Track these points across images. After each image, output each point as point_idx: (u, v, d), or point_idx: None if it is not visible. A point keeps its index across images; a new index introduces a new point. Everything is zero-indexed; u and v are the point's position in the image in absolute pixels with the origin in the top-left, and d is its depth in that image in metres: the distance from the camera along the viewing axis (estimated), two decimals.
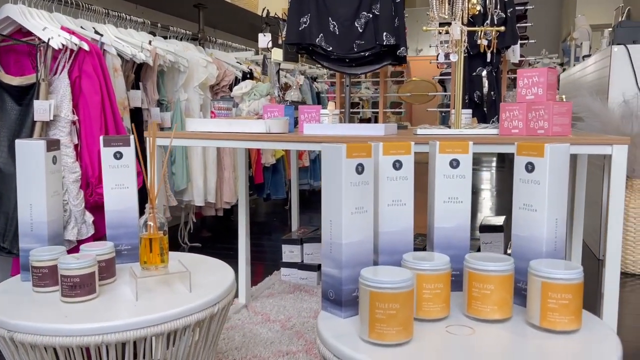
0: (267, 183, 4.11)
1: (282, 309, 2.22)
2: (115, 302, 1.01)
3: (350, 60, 2.07)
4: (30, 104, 2.17)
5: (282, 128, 1.69)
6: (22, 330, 0.92)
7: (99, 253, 1.07)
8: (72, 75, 2.25)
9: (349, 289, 0.92)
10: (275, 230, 3.89)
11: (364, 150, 0.92)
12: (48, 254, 1.05)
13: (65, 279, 0.99)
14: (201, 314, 1.02)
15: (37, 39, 2.19)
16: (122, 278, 1.15)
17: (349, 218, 0.91)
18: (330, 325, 0.90)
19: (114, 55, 2.47)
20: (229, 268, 1.22)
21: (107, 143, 1.20)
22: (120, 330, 0.92)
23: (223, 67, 3.29)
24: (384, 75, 2.35)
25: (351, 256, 0.92)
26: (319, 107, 1.87)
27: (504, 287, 0.90)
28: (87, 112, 2.28)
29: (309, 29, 2.01)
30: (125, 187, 1.21)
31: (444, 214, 1.04)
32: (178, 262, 1.14)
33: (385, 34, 1.97)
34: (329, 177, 0.92)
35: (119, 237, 1.23)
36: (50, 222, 1.12)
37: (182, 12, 3.59)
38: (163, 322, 0.96)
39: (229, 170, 3.33)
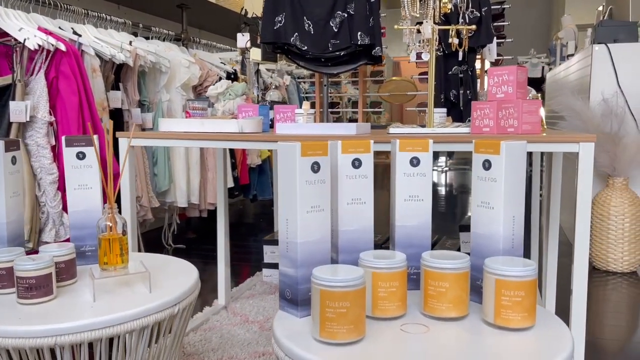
0: (253, 184, 4.10)
1: (261, 309, 2.21)
2: (73, 304, 1.00)
3: (326, 59, 2.06)
4: (6, 105, 2.15)
5: (255, 128, 1.69)
6: None
7: (58, 254, 1.06)
8: (49, 76, 2.24)
9: (305, 288, 0.92)
10: (261, 231, 3.87)
11: (320, 148, 0.91)
12: (5, 256, 1.03)
13: (21, 280, 0.98)
14: (160, 314, 1.01)
15: (13, 40, 2.18)
16: (83, 280, 1.14)
17: (304, 217, 0.91)
18: (286, 325, 0.89)
19: (92, 56, 2.46)
20: (194, 268, 1.21)
21: (70, 143, 1.19)
22: (75, 332, 0.91)
23: (206, 67, 3.28)
24: (363, 75, 2.35)
25: (307, 255, 0.91)
26: (295, 107, 1.86)
27: (459, 284, 0.89)
28: (64, 113, 2.26)
29: (284, 28, 2.01)
30: (88, 188, 1.20)
31: (404, 212, 1.04)
32: (140, 263, 1.13)
33: (360, 33, 1.96)
34: (285, 176, 0.92)
35: (83, 238, 1.22)
36: (10, 223, 1.10)
37: (165, 12, 3.58)
38: (120, 322, 0.95)
39: (212, 171, 3.32)
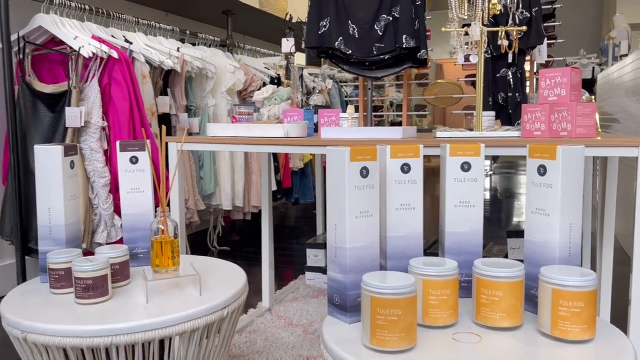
0: (295, 187, 4.12)
1: (305, 313, 2.22)
2: (127, 305, 1.03)
3: (370, 63, 2.05)
4: (62, 111, 2.24)
5: (300, 132, 1.69)
6: (34, 331, 0.94)
7: (113, 256, 1.10)
8: (102, 83, 2.32)
9: (354, 294, 0.91)
10: (303, 234, 3.89)
11: (369, 153, 0.91)
12: (64, 257, 1.07)
13: (78, 280, 1.01)
14: (210, 316, 1.02)
15: (68, 48, 2.27)
16: (135, 281, 1.17)
17: (353, 222, 0.90)
18: (335, 331, 0.89)
19: (142, 63, 2.53)
20: (242, 272, 1.23)
21: (123, 148, 1.22)
22: (129, 332, 0.94)
23: (250, 72, 3.32)
24: (407, 78, 2.33)
25: (356, 261, 0.91)
26: (339, 111, 1.86)
27: (513, 293, 0.87)
28: (116, 118, 2.34)
29: (329, 33, 2.01)
30: (141, 191, 1.24)
31: (455, 219, 1.02)
32: (190, 265, 1.15)
33: (405, 36, 1.95)
34: (333, 181, 0.92)
35: (135, 240, 1.25)
36: (68, 225, 1.15)
37: (211, 18, 3.66)
38: (172, 324, 0.97)
39: (256, 174, 3.36)
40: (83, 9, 2.45)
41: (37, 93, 2.27)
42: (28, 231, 2.23)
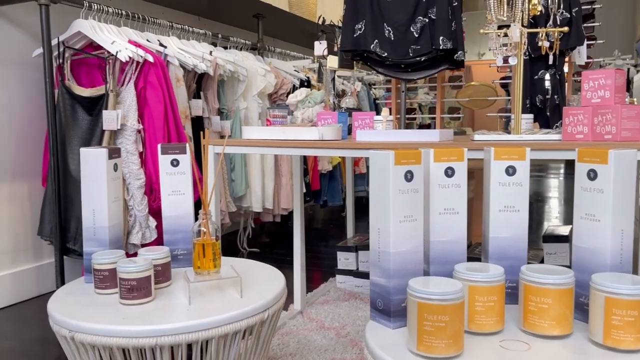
0: (323, 190, 4.12)
1: (337, 316, 2.21)
2: (170, 306, 1.04)
3: (406, 65, 2.04)
4: (99, 114, 2.29)
5: (335, 135, 1.69)
6: (82, 330, 0.96)
7: (155, 257, 1.11)
8: (138, 86, 2.36)
9: (398, 299, 0.91)
10: (332, 237, 3.89)
11: (413, 157, 0.90)
12: (108, 258, 1.09)
13: (123, 281, 1.03)
14: (252, 319, 1.03)
15: (106, 52, 2.31)
16: (177, 282, 1.18)
17: (397, 226, 0.89)
18: (379, 336, 0.88)
19: (177, 66, 2.57)
20: (280, 274, 1.23)
21: (165, 151, 1.24)
22: (174, 333, 0.95)
23: (281, 75, 3.34)
24: (441, 80, 2.30)
25: (400, 265, 0.90)
26: (373, 114, 1.85)
27: (563, 301, 0.85)
28: (151, 121, 2.38)
29: (364, 35, 2.01)
30: (181, 194, 1.25)
31: (499, 223, 1.00)
32: (230, 267, 1.16)
33: (442, 38, 1.93)
34: (377, 185, 0.91)
35: (176, 242, 1.27)
36: (112, 227, 1.17)
37: (242, 22, 3.69)
38: (215, 326, 0.98)
39: (286, 177, 3.37)
40: (120, 14, 2.50)
41: (76, 97, 2.32)
42: (66, 232, 2.28)
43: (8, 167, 2.36)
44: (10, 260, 2.38)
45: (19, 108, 2.40)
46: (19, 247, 2.41)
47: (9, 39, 2.36)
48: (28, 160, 2.45)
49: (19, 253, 2.41)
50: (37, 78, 2.48)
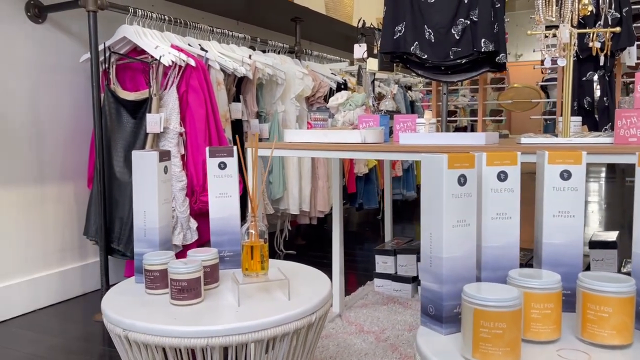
0: (359, 192, 4.11)
1: (375, 320, 2.20)
2: (220, 307, 1.06)
3: (446, 68, 2.02)
4: (143, 117, 2.34)
5: (377, 138, 1.69)
6: (135, 329, 0.98)
7: (204, 259, 1.13)
8: (180, 90, 2.40)
9: (451, 305, 0.89)
10: (367, 240, 3.87)
11: (467, 160, 0.89)
12: (159, 259, 1.11)
13: (174, 282, 1.05)
14: (300, 322, 1.03)
15: (150, 57, 2.37)
16: (224, 283, 1.20)
17: (450, 231, 0.88)
18: (431, 342, 0.87)
19: (217, 70, 2.60)
20: (326, 277, 1.23)
21: (213, 154, 1.26)
22: (225, 335, 0.96)
23: (318, 78, 3.35)
24: (483, 83, 2.27)
25: (452, 271, 0.89)
26: (415, 116, 1.84)
27: (624, 310, 0.82)
28: (193, 124, 2.42)
29: (404, 38, 2.00)
30: (228, 196, 1.27)
31: (553, 229, 0.98)
32: (277, 269, 1.16)
33: (484, 40, 1.90)
34: (429, 189, 0.90)
35: (222, 243, 1.28)
36: (161, 228, 1.19)
37: (279, 26, 3.72)
38: (264, 328, 0.99)
39: (322, 179, 3.38)
40: (163, 20, 2.56)
41: (121, 100, 2.38)
42: (111, 232, 2.34)
43: (56, 169, 2.44)
44: (58, 260, 2.45)
45: (66, 112, 2.48)
46: (65, 246, 2.48)
47: (58, 45, 2.44)
48: (74, 162, 2.52)
49: (65, 252, 2.48)
50: (83, 83, 2.56)
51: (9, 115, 2.24)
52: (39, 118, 2.36)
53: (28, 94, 2.31)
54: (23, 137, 2.30)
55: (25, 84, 2.30)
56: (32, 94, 2.33)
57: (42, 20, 2.37)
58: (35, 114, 2.35)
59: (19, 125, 2.28)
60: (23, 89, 2.29)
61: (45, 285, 2.38)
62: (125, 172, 2.36)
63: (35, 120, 2.34)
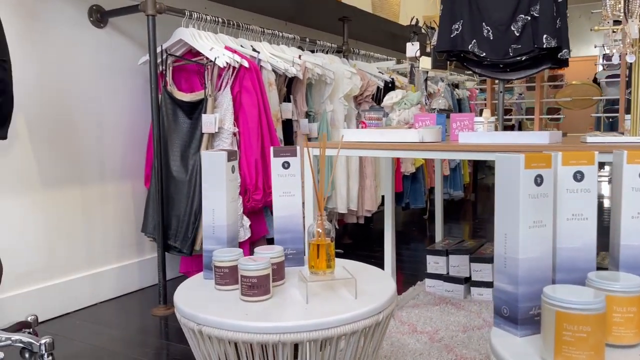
0: (406, 192, 4.09)
1: (428, 320, 2.19)
2: (289, 304, 1.07)
3: (505, 65, 1.98)
4: (199, 118, 2.40)
5: (435, 137, 1.67)
6: (209, 324, 1.01)
7: (272, 256, 1.15)
8: (234, 91, 2.45)
9: (526, 307, 0.88)
10: (413, 240, 3.84)
11: (544, 160, 0.87)
12: (228, 255, 1.14)
13: (244, 279, 1.07)
14: (367, 320, 1.04)
15: (205, 58, 2.42)
16: (289, 281, 1.22)
17: (526, 232, 0.87)
18: (507, 344, 0.86)
19: (269, 71, 2.64)
20: (389, 276, 1.23)
21: (277, 154, 1.28)
22: (296, 331, 0.97)
23: (366, 77, 3.35)
24: (540, 80, 2.22)
25: (528, 272, 0.88)
26: (473, 115, 1.81)
27: None
28: (246, 124, 2.46)
29: (461, 36, 1.97)
30: (291, 195, 1.29)
31: (632, 231, 0.95)
32: (342, 268, 1.17)
33: (546, 36, 1.86)
34: (505, 189, 0.89)
35: (285, 241, 1.31)
36: (229, 226, 1.22)
37: (326, 26, 3.74)
38: (333, 326, 1.00)
39: (370, 178, 3.38)
40: (216, 22, 2.61)
41: (177, 101, 2.45)
42: (168, 229, 2.41)
43: (116, 169, 2.53)
44: (117, 255, 2.54)
45: (125, 113, 2.57)
46: (124, 242, 2.57)
47: (118, 49, 2.53)
48: (132, 162, 2.61)
49: (124, 248, 2.57)
50: (141, 85, 2.64)
51: (75, 117, 2.34)
52: (101, 119, 2.45)
53: (91, 97, 2.41)
54: (87, 139, 2.39)
55: (89, 87, 2.40)
56: (95, 97, 2.43)
57: (103, 25, 2.46)
58: (99, 117, 2.44)
59: (83, 127, 2.37)
60: (87, 93, 2.39)
61: (105, 280, 2.47)
62: (181, 170, 2.42)
63: (98, 123, 2.44)
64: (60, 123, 2.28)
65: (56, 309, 2.27)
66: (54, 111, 2.26)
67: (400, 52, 4.92)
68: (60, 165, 2.29)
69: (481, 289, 2.42)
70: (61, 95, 2.28)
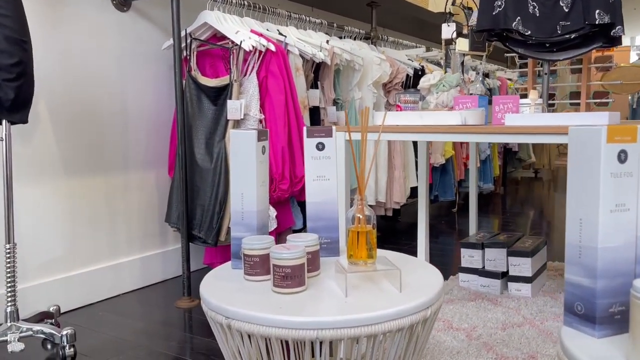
0: (435, 184, 3.96)
1: (464, 316, 2.06)
2: (326, 297, 0.97)
3: (552, 44, 1.84)
4: (224, 104, 2.31)
5: (478, 120, 1.55)
6: (239, 318, 0.91)
7: (307, 244, 1.05)
8: (260, 76, 2.35)
9: (606, 304, 0.76)
10: (442, 234, 3.71)
11: (629, 133, 0.75)
12: (259, 243, 1.05)
13: (277, 269, 0.98)
14: (414, 316, 0.93)
15: (230, 42, 2.33)
16: (325, 272, 1.11)
17: (607, 217, 0.75)
18: (583, 346, 0.75)
19: (296, 55, 2.54)
20: (436, 270, 1.12)
21: (310, 134, 1.18)
22: (335, 327, 0.87)
23: (396, 64, 3.22)
24: (587, 62, 2.07)
25: (609, 264, 0.76)
26: (517, 97, 1.68)
27: None
28: (272, 110, 2.36)
29: (504, 13, 1.84)
30: (326, 179, 1.18)
31: None
32: (385, 258, 1.06)
33: (598, 11, 1.71)
34: (580, 166, 0.77)
35: (318, 229, 1.20)
36: (259, 212, 1.12)
37: (354, 12, 3.61)
38: (377, 322, 0.89)
39: (399, 169, 3.25)
40: (242, 5, 2.52)
41: (202, 87, 2.36)
42: (192, 219, 2.33)
43: (139, 157, 2.46)
44: (140, 246, 2.48)
45: (149, 100, 2.50)
46: (147, 233, 2.51)
47: (141, 33, 2.45)
48: (156, 150, 2.54)
49: (147, 239, 2.51)
50: (164, 70, 2.56)
51: (98, 105, 2.27)
52: (125, 107, 2.38)
53: (116, 83, 2.34)
54: (111, 126, 2.32)
55: (113, 73, 2.33)
56: (119, 83, 2.35)
57: (126, 9, 2.38)
58: (122, 103, 2.37)
59: (107, 114, 2.31)
60: (112, 79, 2.32)
61: (128, 271, 2.40)
62: (206, 159, 2.34)
63: (122, 109, 2.37)
64: (83, 109, 2.22)
65: (78, 300, 2.21)
66: (76, 97, 2.19)
67: (429, 40, 4.77)
68: (83, 152, 2.22)
69: (519, 284, 2.29)
70: (84, 80, 2.22)
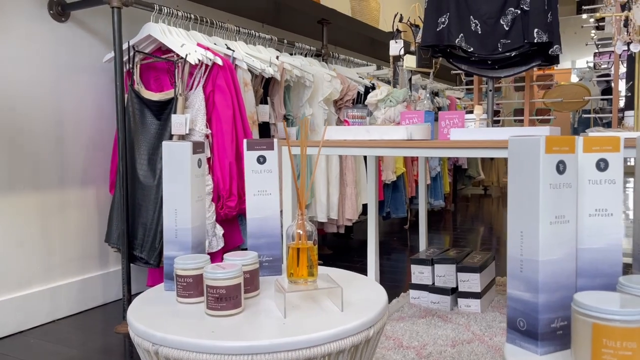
0: (387, 201, 3.96)
1: (414, 334, 2.04)
2: (263, 319, 0.91)
3: (493, 61, 1.87)
4: (168, 119, 2.23)
5: (424, 134, 1.54)
6: (168, 344, 0.84)
7: (244, 263, 0.99)
8: (207, 90, 2.29)
9: (548, 319, 0.74)
10: (394, 250, 3.71)
11: (567, 143, 0.74)
12: (193, 263, 0.98)
13: (211, 289, 0.91)
14: (356, 337, 0.88)
15: (175, 56, 2.26)
16: (265, 291, 1.05)
17: (547, 229, 0.73)
18: None
19: (245, 70, 2.49)
20: (380, 287, 1.08)
21: (251, 147, 1.13)
22: (272, 351, 0.81)
23: (346, 81, 3.22)
24: (529, 80, 2.11)
25: (550, 277, 0.74)
26: (463, 113, 1.69)
27: None
28: (219, 125, 2.30)
29: (448, 29, 1.86)
30: (267, 194, 1.13)
31: None
32: (326, 276, 1.02)
33: (537, 30, 1.75)
34: (520, 178, 0.75)
35: (260, 247, 1.15)
36: (194, 229, 1.06)
37: (305, 29, 3.61)
38: (316, 344, 0.84)
39: (351, 186, 3.24)
40: (189, 18, 2.46)
41: (145, 101, 2.27)
42: (133, 239, 2.22)
43: (78, 173, 2.34)
44: (78, 268, 2.34)
45: (88, 114, 2.38)
46: (86, 254, 2.37)
47: (81, 45, 2.35)
48: (96, 166, 2.42)
49: (86, 260, 2.37)
50: (106, 84, 2.46)
51: (31, 117, 2.14)
52: (61, 120, 2.26)
53: (50, 95, 2.22)
54: (44, 140, 2.20)
55: (48, 85, 2.21)
56: (54, 95, 2.23)
57: (65, 19, 2.28)
58: (58, 116, 2.25)
59: (40, 127, 2.18)
60: (45, 90, 2.20)
61: (65, 295, 2.26)
62: (149, 175, 2.24)
63: (57, 123, 2.24)
64: (15, 123, 2.09)
65: (9, 327, 2.05)
66: (7, 110, 2.06)
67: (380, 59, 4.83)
68: (15, 168, 2.09)
69: (469, 300, 2.28)
70: (16, 93, 2.09)
